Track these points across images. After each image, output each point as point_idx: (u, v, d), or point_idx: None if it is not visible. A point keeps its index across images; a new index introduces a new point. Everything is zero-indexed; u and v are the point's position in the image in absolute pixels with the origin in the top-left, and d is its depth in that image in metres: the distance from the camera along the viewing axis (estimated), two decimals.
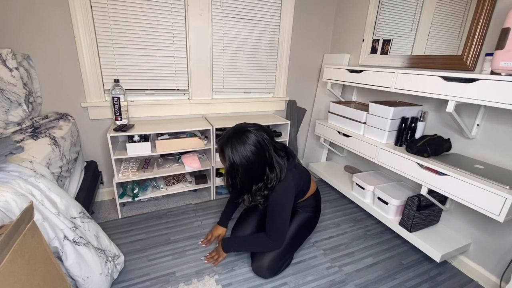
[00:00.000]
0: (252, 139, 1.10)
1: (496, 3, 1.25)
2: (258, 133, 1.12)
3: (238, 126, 1.16)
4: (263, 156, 1.12)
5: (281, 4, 2.06)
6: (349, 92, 2.19)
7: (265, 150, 1.12)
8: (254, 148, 1.10)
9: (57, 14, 1.54)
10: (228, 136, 1.13)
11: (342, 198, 2.13)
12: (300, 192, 1.37)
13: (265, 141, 1.13)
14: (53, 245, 0.95)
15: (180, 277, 1.33)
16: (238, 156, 1.09)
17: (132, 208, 1.89)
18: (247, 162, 1.10)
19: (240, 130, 1.13)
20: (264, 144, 1.12)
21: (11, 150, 1.05)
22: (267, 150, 1.13)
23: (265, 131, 1.16)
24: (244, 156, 1.09)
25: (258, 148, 1.10)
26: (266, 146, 1.13)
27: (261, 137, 1.12)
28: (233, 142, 1.10)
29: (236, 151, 1.09)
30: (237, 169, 1.12)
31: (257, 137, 1.11)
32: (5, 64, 1.32)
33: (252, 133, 1.11)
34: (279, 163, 1.17)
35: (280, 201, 1.19)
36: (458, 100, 1.19)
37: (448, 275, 1.43)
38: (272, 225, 1.24)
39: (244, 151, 1.09)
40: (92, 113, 1.78)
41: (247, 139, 1.10)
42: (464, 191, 1.18)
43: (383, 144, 1.58)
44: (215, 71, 2.03)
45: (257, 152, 1.10)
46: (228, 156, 1.11)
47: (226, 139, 1.13)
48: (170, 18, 1.78)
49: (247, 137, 1.10)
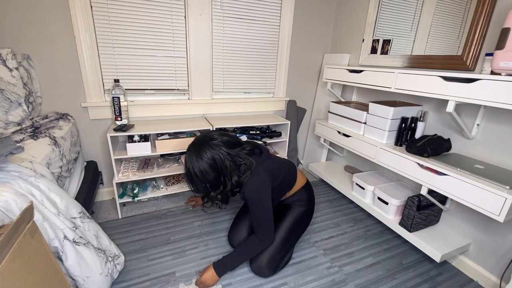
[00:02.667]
0: (207, 155, 1.18)
1: (496, 3, 1.25)
2: (215, 149, 1.19)
3: (199, 140, 1.23)
4: (217, 170, 1.20)
5: (281, 4, 2.06)
6: (349, 92, 2.19)
7: (219, 164, 1.19)
8: (208, 164, 1.18)
9: (57, 14, 1.55)
10: (188, 148, 1.23)
11: (342, 198, 2.13)
12: (283, 183, 1.36)
13: (221, 156, 1.19)
14: (53, 245, 0.95)
15: (180, 277, 1.33)
16: (193, 168, 1.19)
17: (132, 208, 1.89)
18: (202, 174, 1.20)
19: (199, 144, 1.21)
20: (219, 159, 1.19)
21: (11, 150, 1.05)
22: (221, 163, 1.19)
23: (225, 143, 1.23)
24: (199, 169, 1.19)
25: (212, 163, 1.18)
26: (221, 160, 1.19)
27: (218, 152, 1.19)
28: (191, 154, 1.20)
29: (192, 163, 1.19)
30: (193, 178, 1.22)
31: (212, 153, 1.18)
32: (5, 64, 1.32)
33: (208, 150, 1.18)
34: (239, 169, 1.22)
35: (256, 195, 1.22)
36: (458, 100, 1.19)
37: (448, 275, 1.43)
38: (257, 221, 1.26)
39: (199, 165, 1.18)
40: (92, 113, 1.78)
41: (204, 154, 1.18)
42: (464, 191, 1.18)
43: (383, 144, 1.58)
44: (215, 71, 2.03)
45: (211, 166, 1.19)
46: (186, 165, 1.22)
47: (187, 150, 1.22)
48: (170, 18, 1.78)
49: (204, 152, 1.18)
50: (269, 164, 1.32)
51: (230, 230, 1.55)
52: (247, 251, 1.31)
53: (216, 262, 1.29)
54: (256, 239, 1.28)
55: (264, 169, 1.27)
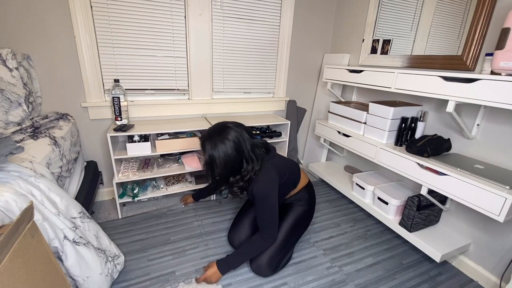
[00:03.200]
0: (231, 135, 1.18)
1: (496, 3, 1.25)
2: (237, 130, 1.20)
3: (219, 125, 1.24)
4: (241, 151, 1.20)
5: (281, 4, 2.06)
6: (349, 92, 2.19)
7: (243, 145, 1.20)
8: (233, 144, 1.18)
9: (57, 14, 1.55)
10: (209, 132, 1.22)
11: (342, 198, 2.13)
12: (289, 181, 1.38)
13: (243, 137, 1.21)
14: (53, 245, 0.95)
15: (180, 276, 1.33)
16: (217, 150, 1.17)
17: (132, 208, 1.89)
18: (225, 156, 1.18)
19: (220, 127, 1.21)
20: (242, 140, 1.20)
21: (11, 150, 1.05)
22: (244, 145, 1.21)
23: (245, 129, 1.25)
24: (223, 151, 1.17)
25: (236, 143, 1.18)
26: (244, 142, 1.21)
27: (240, 134, 1.20)
28: (213, 137, 1.19)
29: (216, 146, 1.17)
30: (216, 162, 1.19)
31: (236, 133, 1.19)
32: (5, 64, 1.32)
33: (231, 130, 1.20)
34: (256, 157, 1.24)
35: (264, 191, 1.23)
36: (458, 100, 1.19)
37: (448, 275, 1.43)
38: (263, 219, 1.26)
39: (223, 146, 1.17)
40: (92, 113, 1.78)
41: (227, 134, 1.18)
42: (464, 191, 1.18)
43: (383, 144, 1.58)
44: (215, 71, 2.03)
45: (235, 147, 1.18)
46: (208, 150, 1.19)
47: (207, 135, 1.21)
48: (170, 18, 1.78)
49: (227, 133, 1.18)
50: (276, 161, 1.33)
51: (230, 230, 1.55)
52: (249, 250, 1.31)
53: (219, 261, 1.29)
54: (259, 238, 1.28)
55: (273, 165, 1.28)
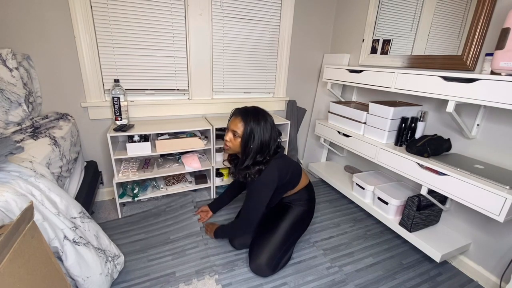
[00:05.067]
0: (270, 120, 1.33)
1: (496, 3, 1.25)
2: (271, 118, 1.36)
3: (256, 106, 1.37)
4: (271, 137, 1.32)
5: (281, 4, 2.06)
6: (349, 92, 2.19)
7: (273, 133, 1.33)
8: (270, 127, 1.31)
9: (57, 14, 1.54)
10: (253, 110, 1.33)
11: (342, 198, 2.13)
12: (288, 181, 1.41)
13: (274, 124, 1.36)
14: (53, 245, 0.95)
15: (180, 277, 1.33)
16: (259, 127, 1.28)
17: (132, 208, 1.89)
18: (263, 135, 1.29)
19: (260, 109, 1.35)
20: (274, 126, 1.35)
21: (11, 150, 1.05)
22: (274, 134, 1.34)
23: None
24: (262, 129, 1.29)
25: (272, 127, 1.33)
26: (274, 127, 1.36)
27: (272, 121, 1.35)
28: (256, 114, 1.31)
29: (259, 122, 1.28)
30: (254, 137, 1.28)
31: (272, 120, 1.34)
32: (5, 64, 1.32)
33: (269, 116, 1.35)
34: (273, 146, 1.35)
35: (260, 186, 1.31)
36: (458, 100, 1.19)
37: (448, 275, 1.43)
38: (248, 208, 1.36)
39: (264, 125, 1.30)
40: (92, 113, 1.78)
41: (268, 117, 1.33)
42: (464, 191, 1.18)
43: (383, 144, 1.58)
44: (215, 71, 2.03)
45: (270, 132, 1.31)
46: (250, 124, 1.28)
47: (251, 110, 1.33)
48: (170, 18, 1.78)
49: (268, 116, 1.33)
50: (281, 162, 1.36)
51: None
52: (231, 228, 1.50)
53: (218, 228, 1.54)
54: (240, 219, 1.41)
55: (277, 165, 1.33)
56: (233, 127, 1.31)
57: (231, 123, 1.33)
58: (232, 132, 1.32)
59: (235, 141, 1.32)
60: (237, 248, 1.51)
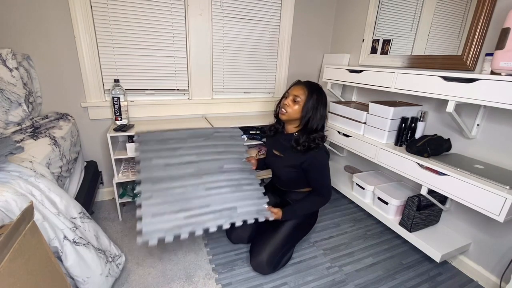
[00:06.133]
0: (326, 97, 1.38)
1: (496, 3, 1.25)
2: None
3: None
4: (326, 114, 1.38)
5: (281, 4, 2.06)
6: (349, 92, 2.19)
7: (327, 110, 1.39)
8: (326, 104, 1.37)
9: (57, 14, 1.54)
10: (316, 84, 1.37)
11: (342, 198, 2.13)
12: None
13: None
14: (53, 245, 0.95)
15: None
16: (321, 100, 1.33)
17: (132, 208, 1.89)
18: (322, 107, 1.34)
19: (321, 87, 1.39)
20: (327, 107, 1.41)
21: (11, 150, 1.05)
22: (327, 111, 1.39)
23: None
24: (323, 103, 1.34)
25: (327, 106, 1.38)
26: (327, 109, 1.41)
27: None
28: (319, 89, 1.35)
29: (321, 95, 1.33)
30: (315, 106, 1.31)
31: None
32: (5, 64, 1.32)
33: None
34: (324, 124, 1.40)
35: (324, 162, 1.37)
36: (458, 100, 1.19)
37: (448, 275, 1.43)
38: (322, 183, 1.38)
39: (324, 99, 1.35)
40: (92, 113, 1.78)
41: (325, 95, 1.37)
42: (464, 191, 1.18)
43: (383, 144, 1.58)
44: (215, 71, 2.03)
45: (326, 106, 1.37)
46: (314, 94, 1.32)
47: (316, 85, 1.37)
48: (170, 18, 1.78)
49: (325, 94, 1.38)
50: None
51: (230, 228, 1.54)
52: (308, 204, 1.41)
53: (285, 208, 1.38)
54: (317, 196, 1.39)
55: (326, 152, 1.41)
56: (295, 92, 1.33)
57: (293, 89, 1.35)
58: (293, 97, 1.33)
59: (294, 106, 1.32)
60: (233, 242, 1.53)
